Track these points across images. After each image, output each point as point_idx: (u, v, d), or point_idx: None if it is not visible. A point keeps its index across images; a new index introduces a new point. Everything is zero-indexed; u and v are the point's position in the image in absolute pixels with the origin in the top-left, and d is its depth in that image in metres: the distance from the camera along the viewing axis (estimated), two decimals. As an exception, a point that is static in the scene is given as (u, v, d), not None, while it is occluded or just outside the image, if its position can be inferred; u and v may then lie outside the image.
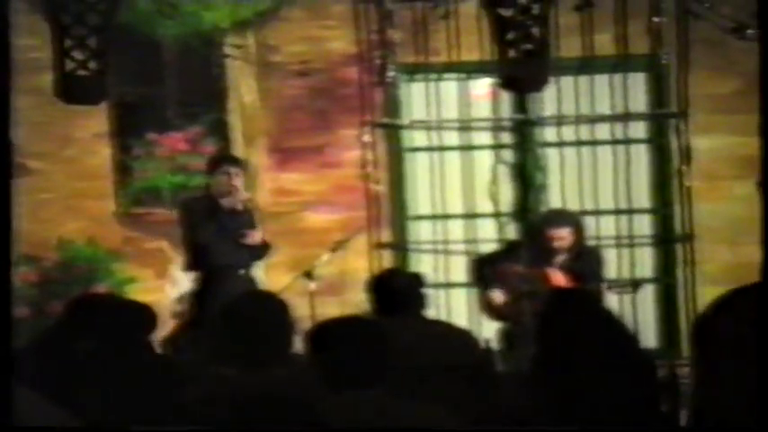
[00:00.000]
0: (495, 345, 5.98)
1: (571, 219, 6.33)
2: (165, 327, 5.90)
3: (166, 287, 6.54)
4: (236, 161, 6.56)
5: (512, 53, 4.48)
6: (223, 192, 6.30)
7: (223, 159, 6.60)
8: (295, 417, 3.12)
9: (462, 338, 4.56)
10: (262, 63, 7.45)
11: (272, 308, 3.80)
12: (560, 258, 6.20)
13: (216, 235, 6.24)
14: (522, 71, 4.58)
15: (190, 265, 6.36)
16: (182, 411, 3.56)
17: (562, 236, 6.16)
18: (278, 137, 7.52)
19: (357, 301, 5.96)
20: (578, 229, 6.24)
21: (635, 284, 6.19)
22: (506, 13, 4.50)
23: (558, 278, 6.07)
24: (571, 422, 3.04)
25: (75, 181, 7.49)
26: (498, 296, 6.24)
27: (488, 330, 6.32)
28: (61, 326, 4.04)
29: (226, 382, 3.65)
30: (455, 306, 6.94)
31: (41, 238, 7.38)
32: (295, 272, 6.55)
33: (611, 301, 6.03)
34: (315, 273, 6.53)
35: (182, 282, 6.46)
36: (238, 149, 7.54)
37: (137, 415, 3.53)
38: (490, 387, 3.84)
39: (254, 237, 6.33)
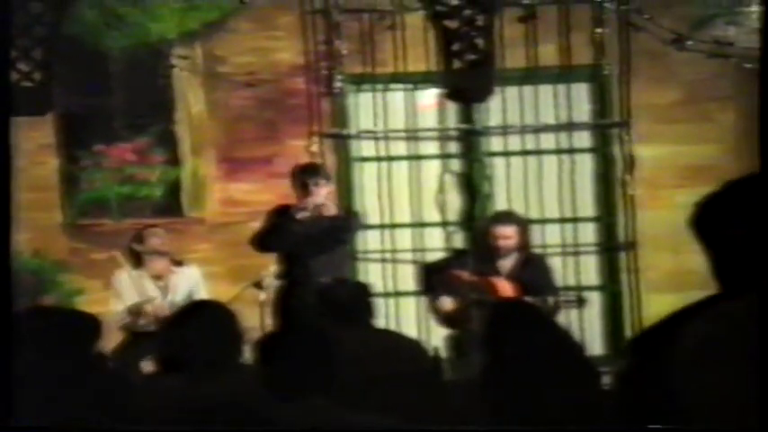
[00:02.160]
0: (443, 353, 6.02)
1: (517, 219, 6.39)
2: (111, 338, 5.88)
3: (111, 299, 6.51)
4: (319, 171, 6.35)
5: (457, 64, 4.55)
6: (306, 202, 6.17)
7: (308, 169, 6.38)
8: (242, 426, 3.15)
9: (411, 347, 4.60)
10: (209, 74, 7.45)
11: (220, 318, 3.81)
12: (507, 266, 6.25)
13: (297, 244, 6.15)
14: (467, 82, 4.64)
15: (279, 273, 6.30)
16: (127, 422, 3.57)
17: (507, 234, 6.19)
18: (226, 147, 7.52)
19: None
20: (524, 230, 6.28)
21: (580, 300, 6.24)
22: (451, 24, 4.56)
23: (504, 287, 6.12)
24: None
25: (22, 192, 7.42)
26: (447, 303, 6.28)
27: (437, 338, 6.37)
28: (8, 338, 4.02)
29: (172, 393, 3.65)
30: (404, 315, 6.98)
31: (-14, 250, 7.32)
32: (243, 282, 6.55)
33: (557, 312, 6.08)
34: (264, 282, 6.53)
35: (126, 293, 6.43)
36: (186, 160, 7.53)
37: (82, 425, 3.53)
38: (439, 395, 3.88)
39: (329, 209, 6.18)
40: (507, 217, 6.40)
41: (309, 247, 6.12)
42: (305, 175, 6.24)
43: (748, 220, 2.07)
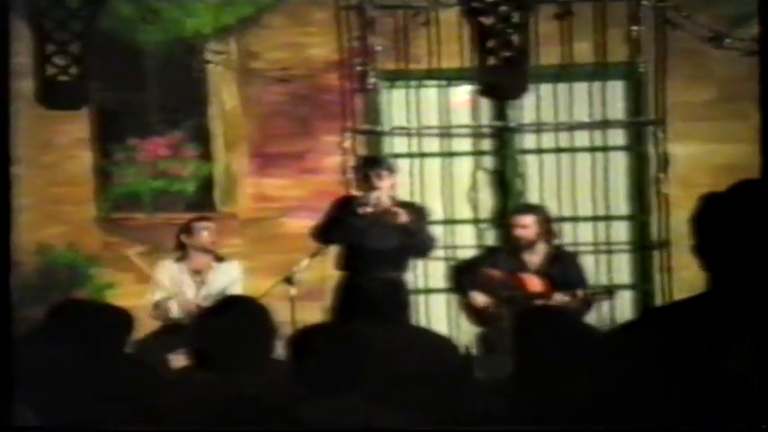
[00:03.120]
0: (474, 350, 6.01)
1: (536, 209, 6.38)
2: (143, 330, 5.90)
3: (150, 289, 6.53)
4: (382, 163, 6.29)
5: (492, 61, 4.53)
6: (367, 194, 6.12)
7: (370, 161, 6.35)
8: (273, 422, 3.15)
9: (441, 344, 4.59)
10: (243, 69, 7.47)
11: (252, 313, 3.81)
12: (536, 262, 6.23)
13: (356, 237, 6.10)
14: (501, 78, 4.62)
15: (339, 265, 6.26)
16: (159, 416, 3.58)
17: (524, 223, 6.18)
18: (259, 143, 7.53)
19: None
20: (543, 221, 6.25)
21: (610, 291, 6.22)
22: (487, 21, 4.55)
23: (534, 282, 6.10)
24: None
25: (56, 186, 7.49)
26: (479, 298, 6.26)
27: (467, 336, 6.36)
28: (42, 330, 4.05)
29: (204, 388, 3.66)
30: (434, 312, 6.97)
31: (21, 243, 7.37)
32: (275, 277, 6.56)
33: (588, 307, 6.06)
34: (295, 278, 6.53)
35: (164, 284, 6.46)
36: (219, 155, 7.55)
37: (114, 420, 3.54)
38: (469, 393, 3.87)
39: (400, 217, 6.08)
40: (526, 207, 6.43)
41: (370, 241, 6.07)
42: (367, 167, 6.20)
43: (744, 223, 2.09)
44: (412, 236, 6.12)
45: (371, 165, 6.23)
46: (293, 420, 3.16)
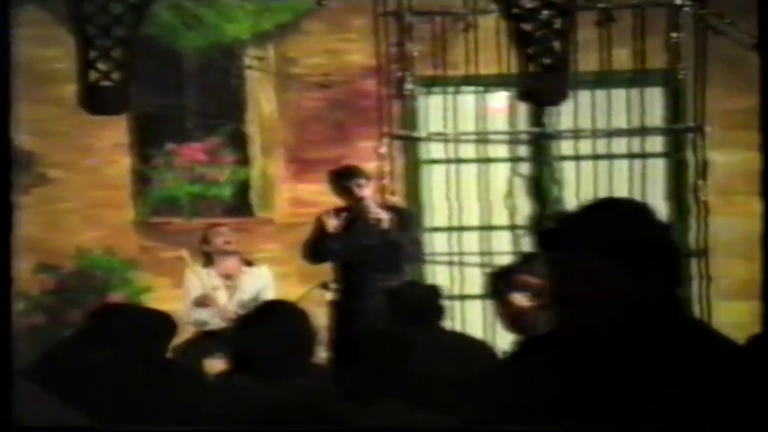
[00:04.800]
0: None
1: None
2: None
3: (181, 296, 6.57)
4: (357, 172, 6.33)
5: (532, 67, 4.51)
6: (353, 205, 6.17)
7: (346, 172, 6.36)
8: (314, 426, 3.14)
9: (480, 350, 4.58)
10: (281, 75, 7.50)
11: (294, 317, 3.82)
12: None
13: (350, 248, 6.14)
14: (541, 84, 4.61)
15: (335, 277, 6.30)
16: (200, 422, 3.59)
17: None
18: (296, 148, 7.56)
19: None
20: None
21: None
22: (528, 27, 4.53)
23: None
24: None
25: (95, 190, 7.55)
26: (520, 299, 6.23)
27: (503, 343, 6.33)
28: (82, 335, 4.07)
29: (244, 393, 3.67)
30: (470, 318, 6.95)
31: (60, 247, 7.43)
32: (310, 282, 6.57)
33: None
34: (330, 284, 6.54)
35: (195, 291, 6.49)
36: (256, 160, 7.58)
37: (156, 425, 3.55)
38: (508, 398, 3.85)
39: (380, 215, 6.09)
40: (560, 216, 6.39)
41: (363, 253, 6.09)
42: (344, 179, 6.22)
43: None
44: (397, 240, 6.13)
45: (349, 175, 6.24)
46: (335, 424, 3.16)
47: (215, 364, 5.50)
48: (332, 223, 6.15)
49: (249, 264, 6.62)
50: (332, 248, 6.14)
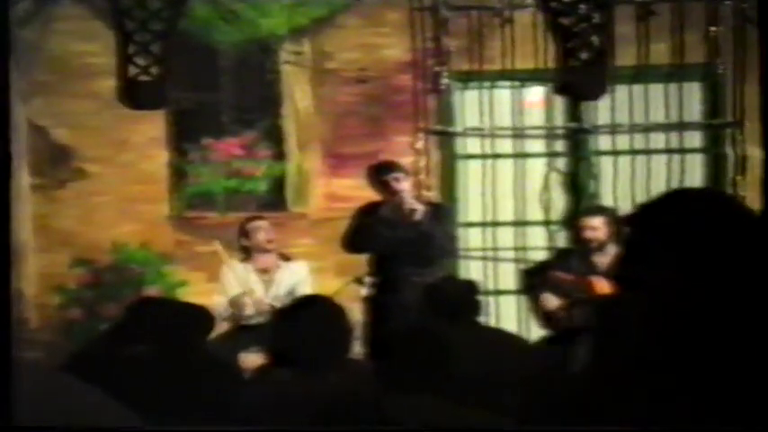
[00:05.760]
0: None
1: (605, 211, 6.29)
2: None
3: (217, 290, 6.58)
4: (395, 167, 6.26)
5: (571, 61, 4.49)
6: (391, 199, 6.11)
7: (384, 167, 6.30)
8: (353, 420, 3.14)
9: (518, 345, 4.56)
10: (317, 69, 7.50)
11: (329, 312, 3.82)
12: (605, 263, 6.16)
13: (386, 244, 6.11)
14: (580, 79, 4.58)
15: (371, 272, 6.29)
16: (238, 414, 3.59)
17: (594, 225, 6.10)
18: (331, 143, 7.56)
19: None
20: (613, 222, 6.17)
21: None
22: (567, 21, 4.50)
23: (602, 285, 6.04)
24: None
25: (131, 185, 7.58)
26: (551, 300, 6.21)
27: (537, 339, 6.31)
28: (120, 328, 4.09)
29: (282, 386, 3.67)
30: (504, 313, 6.93)
31: (96, 241, 7.47)
32: (345, 277, 6.57)
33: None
34: (365, 278, 6.53)
35: (231, 285, 6.50)
36: (291, 155, 7.59)
37: (193, 417, 3.56)
38: (546, 394, 3.83)
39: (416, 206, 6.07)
40: (596, 209, 6.35)
41: (399, 247, 6.08)
42: (382, 173, 6.20)
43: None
44: (431, 235, 6.10)
45: (387, 170, 6.22)
46: (373, 419, 3.15)
47: (251, 358, 5.51)
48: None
49: (286, 258, 6.62)
50: (375, 240, 6.12)
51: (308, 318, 3.72)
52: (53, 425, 2.53)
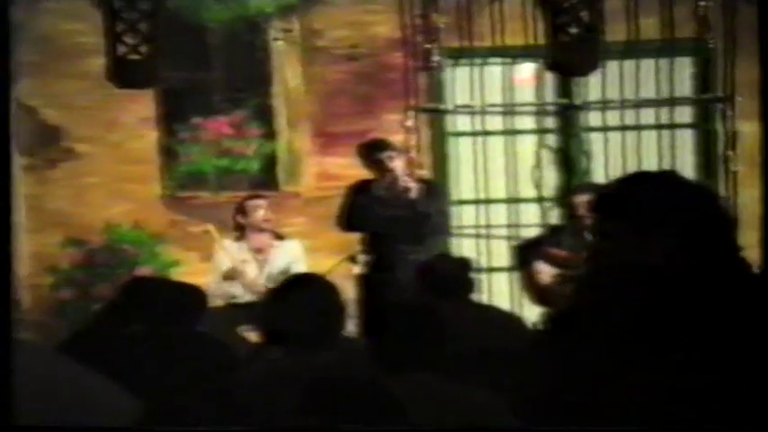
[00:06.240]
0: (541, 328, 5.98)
1: (596, 188, 6.31)
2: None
3: (210, 269, 6.59)
4: (387, 145, 6.27)
5: (562, 37, 4.48)
6: (383, 177, 6.14)
7: (377, 145, 6.30)
8: (346, 399, 3.14)
9: (511, 323, 4.57)
10: (306, 48, 7.47)
11: (322, 291, 3.82)
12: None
13: (381, 222, 6.12)
14: (571, 55, 4.58)
15: (364, 250, 6.30)
16: (231, 393, 3.60)
17: (586, 202, 6.13)
18: (322, 121, 7.54)
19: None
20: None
21: None
22: (556, -3, 4.50)
23: (597, 262, 6.05)
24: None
25: (122, 165, 7.56)
26: (545, 269, 6.21)
27: (530, 316, 6.32)
28: (114, 308, 4.09)
29: (275, 365, 3.67)
30: (497, 291, 6.94)
31: (87, 222, 7.46)
32: (338, 256, 6.57)
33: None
34: (358, 257, 6.54)
35: (225, 264, 6.50)
36: (282, 134, 7.57)
37: (187, 397, 3.57)
38: (541, 371, 3.84)
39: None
40: (588, 187, 6.37)
41: (393, 225, 6.08)
42: (375, 152, 6.19)
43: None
44: (424, 213, 6.10)
45: (380, 148, 6.21)
46: (367, 396, 3.16)
47: (245, 336, 5.53)
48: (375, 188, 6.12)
49: (280, 238, 6.63)
50: (369, 218, 6.12)
51: (300, 296, 3.72)
52: (53, 425, 2.53)
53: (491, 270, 6.98)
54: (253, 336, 5.29)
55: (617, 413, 2.20)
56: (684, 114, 7.12)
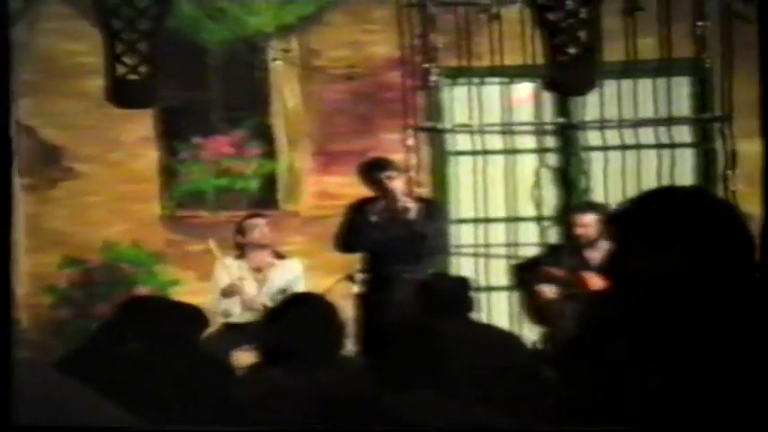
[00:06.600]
0: (541, 347, 5.98)
1: (596, 207, 6.32)
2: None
3: (214, 278, 6.59)
4: (388, 164, 6.23)
5: (560, 57, 4.50)
6: (383, 196, 6.12)
7: (378, 164, 6.27)
8: (346, 418, 3.15)
9: (511, 341, 4.57)
10: (305, 67, 7.49)
11: (321, 310, 3.82)
12: (597, 259, 6.18)
13: (378, 243, 6.11)
14: (569, 74, 4.59)
15: (362, 269, 6.28)
16: (231, 413, 3.59)
17: (585, 222, 6.13)
18: (321, 140, 7.56)
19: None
20: (604, 219, 6.19)
21: None
22: (554, 16, 4.51)
23: (595, 281, 6.06)
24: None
25: (121, 184, 7.57)
26: (545, 291, 6.21)
27: (529, 335, 6.32)
28: (113, 327, 4.09)
29: (275, 384, 3.67)
30: (496, 310, 6.94)
31: (87, 240, 7.46)
32: (336, 275, 6.57)
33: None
34: (357, 276, 6.53)
35: (225, 282, 6.51)
36: (282, 153, 7.59)
37: (188, 416, 3.57)
38: (540, 389, 3.84)
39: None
40: (587, 206, 6.38)
41: (392, 245, 6.08)
42: (375, 171, 6.18)
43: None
44: (422, 233, 6.11)
45: (380, 167, 6.20)
46: (366, 416, 3.16)
47: (243, 357, 5.52)
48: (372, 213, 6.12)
49: (281, 257, 6.63)
50: (367, 238, 6.12)
51: (299, 315, 3.73)
52: (53, 425, 2.53)
53: (490, 289, 6.98)
54: (249, 356, 5.28)
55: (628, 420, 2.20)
56: (683, 134, 7.13)
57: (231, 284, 6.43)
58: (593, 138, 7.17)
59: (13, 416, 2.21)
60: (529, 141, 7.29)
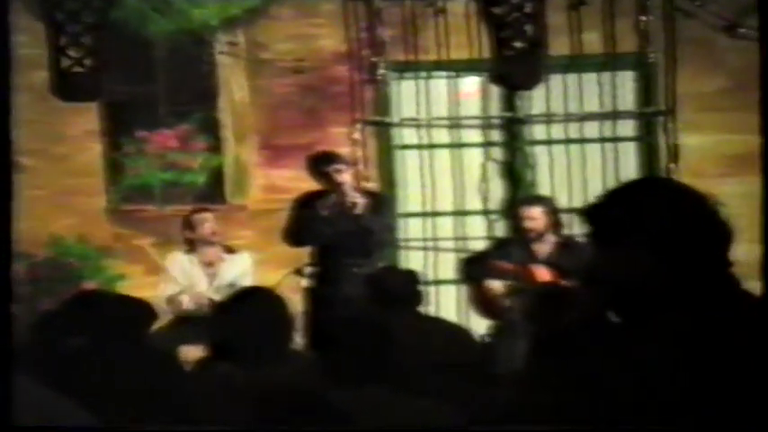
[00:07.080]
0: (489, 341, 6.02)
1: (543, 200, 6.38)
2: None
3: (161, 282, 6.55)
4: (336, 158, 6.24)
5: (506, 51, 4.53)
6: (331, 190, 6.12)
7: (326, 157, 6.28)
8: (301, 412, 3.15)
9: (459, 335, 4.60)
10: (252, 60, 7.47)
11: (270, 304, 3.82)
12: (545, 252, 6.23)
13: (327, 236, 6.12)
14: (515, 68, 4.63)
15: (311, 262, 6.27)
16: (179, 409, 3.58)
17: (533, 215, 6.18)
18: (268, 134, 7.54)
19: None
20: (551, 212, 6.25)
21: None
22: (500, 11, 4.54)
23: (543, 274, 6.11)
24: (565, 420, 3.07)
25: (67, 178, 7.50)
26: (497, 285, 6.24)
27: (477, 327, 6.36)
28: (57, 320, 4.05)
29: (223, 379, 3.66)
30: (444, 303, 6.97)
31: (32, 235, 7.36)
32: (285, 268, 6.57)
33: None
34: (305, 269, 6.54)
35: (177, 277, 6.47)
36: (228, 147, 7.56)
37: (138, 412, 3.55)
38: (489, 383, 3.88)
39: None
40: (534, 199, 6.44)
41: (340, 238, 6.09)
42: (323, 165, 6.19)
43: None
44: (371, 226, 6.13)
45: (328, 161, 6.21)
46: (316, 410, 3.16)
47: (192, 351, 5.49)
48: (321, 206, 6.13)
49: (231, 251, 6.61)
50: (316, 232, 6.12)
51: (247, 309, 3.73)
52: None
53: (438, 282, 7.01)
54: (199, 350, 5.26)
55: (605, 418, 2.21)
56: (627, 128, 7.21)
57: (176, 294, 6.39)
58: (539, 132, 7.22)
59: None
60: (476, 135, 7.33)
